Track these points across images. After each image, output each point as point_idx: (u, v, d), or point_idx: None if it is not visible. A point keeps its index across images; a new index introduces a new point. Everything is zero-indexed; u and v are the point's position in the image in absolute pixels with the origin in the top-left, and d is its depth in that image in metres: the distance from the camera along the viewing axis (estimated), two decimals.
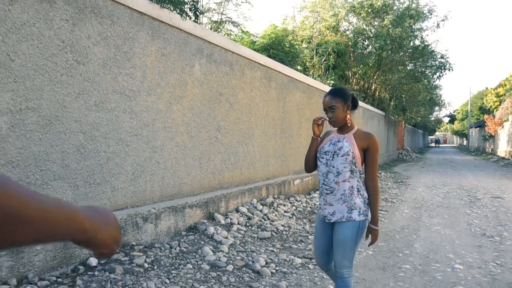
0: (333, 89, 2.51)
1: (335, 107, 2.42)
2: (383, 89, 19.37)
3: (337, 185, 2.40)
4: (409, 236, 5.15)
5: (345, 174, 2.39)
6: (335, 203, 2.40)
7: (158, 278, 3.24)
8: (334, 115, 2.43)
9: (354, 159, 2.38)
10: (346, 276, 2.43)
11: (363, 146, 2.41)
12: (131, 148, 4.00)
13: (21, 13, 2.91)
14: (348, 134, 2.46)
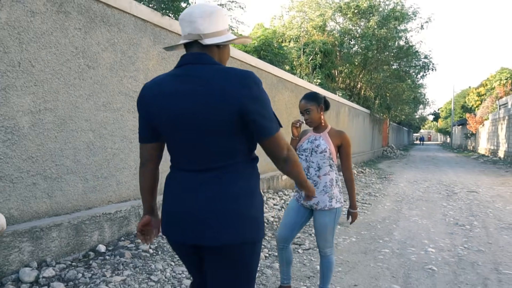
0: (307, 94, 2.88)
1: (310, 110, 2.79)
2: (368, 87, 19.93)
3: (319, 178, 2.78)
4: (389, 225, 5.61)
5: (325, 168, 2.78)
6: (318, 195, 2.76)
7: (164, 261, 3.61)
8: (310, 117, 2.80)
9: (331, 155, 2.78)
10: (329, 254, 2.89)
11: (337, 143, 2.81)
12: (134, 145, 4.34)
13: (41, 24, 3.23)
14: (323, 133, 2.83)
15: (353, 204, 2.88)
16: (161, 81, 1.47)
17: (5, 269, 2.95)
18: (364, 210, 6.77)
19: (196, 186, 1.44)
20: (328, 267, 2.91)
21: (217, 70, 1.40)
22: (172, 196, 1.51)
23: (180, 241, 1.50)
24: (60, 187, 3.52)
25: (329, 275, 2.93)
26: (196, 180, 1.44)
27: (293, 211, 2.95)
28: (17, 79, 3.09)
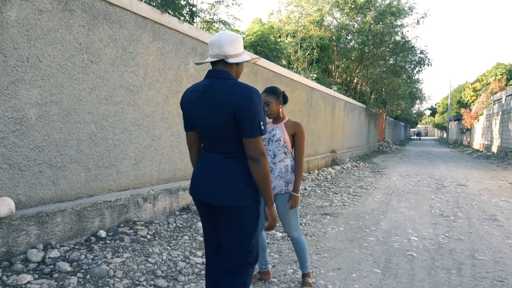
0: (268, 88, 3.13)
1: (269, 102, 3.04)
2: (364, 82, 20.14)
3: (275, 165, 3.06)
4: (377, 216, 5.87)
5: (280, 155, 3.06)
6: (274, 180, 3.04)
7: (161, 246, 3.85)
8: (269, 109, 3.04)
9: (285, 143, 3.06)
10: (297, 236, 3.15)
11: (291, 132, 3.07)
12: (133, 136, 4.57)
13: (48, 21, 3.44)
14: (280, 123, 3.10)
15: (295, 188, 3.02)
16: (195, 89, 2.03)
17: (14, 250, 3.19)
18: (355, 202, 7.03)
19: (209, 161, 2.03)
20: (300, 248, 3.16)
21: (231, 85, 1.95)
22: (196, 168, 2.10)
23: (200, 199, 2.05)
24: (64, 175, 3.75)
25: (303, 255, 3.18)
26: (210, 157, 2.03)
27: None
28: (26, 73, 3.30)
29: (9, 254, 3.13)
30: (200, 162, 2.08)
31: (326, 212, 6.04)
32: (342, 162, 13.46)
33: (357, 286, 3.25)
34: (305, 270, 3.23)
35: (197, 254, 3.74)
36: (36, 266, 3.10)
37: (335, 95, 13.85)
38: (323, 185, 8.84)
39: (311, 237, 4.63)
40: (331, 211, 6.10)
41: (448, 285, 3.32)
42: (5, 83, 3.17)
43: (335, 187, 8.72)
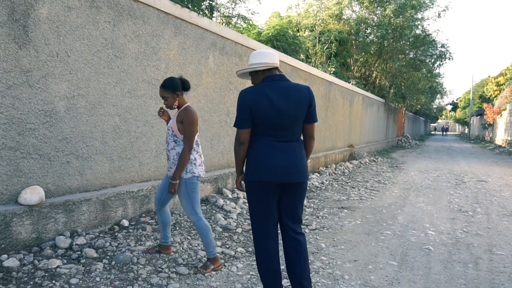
0: (164, 82, 3.13)
1: (166, 98, 3.11)
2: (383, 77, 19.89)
3: (169, 152, 3.17)
4: (394, 211, 5.88)
5: (171, 144, 3.15)
6: (172, 166, 3.15)
7: (181, 235, 3.98)
8: (167, 103, 3.13)
9: (174, 132, 3.10)
10: (195, 220, 3.16)
11: (180, 120, 3.08)
12: (155, 129, 4.70)
13: (76, 18, 3.58)
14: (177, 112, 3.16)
15: (174, 176, 3.06)
16: (262, 90, 2.44)
17: (44, 236, 3.37)
18: (372, 196, 7.05)
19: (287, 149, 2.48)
20: (201, 232, 3.16)
21: (295, 84, 2.53)
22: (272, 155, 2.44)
23: (273, 180, 2.43)
24: (90, 166, 3.91)
25: (205, 240, 3.17)
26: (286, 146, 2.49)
27: (164, 179, 3.34)
28: (55, 68, 3.45)
29: (39, 240, 3.31)
30: (274, 151, 2.45)
31: (343, 206, 6.08)
32: (360, 156, 13.41)
33: (373, 277, 3.31)
34: (208, 255, 3.21)
35: (217, 243, 3.85)
36: (64, 252, 3.26)
37: (354, 89, 13.77)
38: (341, 179, 8.85)
39: (328, 230, 4.69)
40: (348, 205, 6.14)
41: (464, 279, 3.34)
42: (37, 77, 3.32)
43: (352, 181, 8.73)
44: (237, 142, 2.48)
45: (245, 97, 2.44)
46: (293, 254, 2.57)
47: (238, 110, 2.48)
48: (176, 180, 3.06)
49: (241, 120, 2.45)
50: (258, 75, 2.58)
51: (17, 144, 3.24)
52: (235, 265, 3.40)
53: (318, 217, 5.26)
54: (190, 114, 3.06)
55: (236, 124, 2.48)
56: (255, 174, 2.45)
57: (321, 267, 3.49)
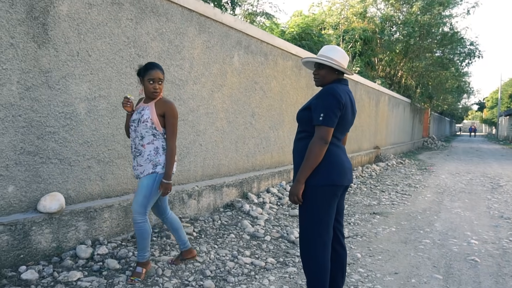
0: (158, 65, 2.86)
1: (162, 80, 2.83)
2: (409, 76, 19.30)
3: (143, 147, 2.83)
4: (430, 217, 5.51)
5: (148, 137, 2.82)
6: (144, 163, 2.83)
7: (208, 244, 3.76)
8: (160, 88, 2.82)
9: (153, 124, 2.80)
10: (139, 221, 2.84)
11: (161, 112, 2.82)
12: (178, 131, 4.49)
13: (97, 15, 3.41)
14: (151, 102, 2.85)
15: (167, 174, 2.83)
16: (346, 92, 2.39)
17: (64, 246, 3.20)
18: (404, 201, 6.68)
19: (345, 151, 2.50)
20: (141, 235, 2.86)
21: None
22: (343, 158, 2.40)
23: (345, 184, 2.39)
24: (111, 170, 3.74)
25: (143, 243, 2.89)
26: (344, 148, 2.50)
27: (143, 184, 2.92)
28: (76, 68, 3.29)
29: (59, 250, 3.14)
30: (342, 153, 2.42)
31: (375, 211, 5.75)
32: (386, 158, 12.96)
33: None
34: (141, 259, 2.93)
35: (245, 253, 3.61)
36: (85, 263, 3.08)
37: (380, 89, 13.34)
38: (369, 183, 8.49)
39: (362, 238, 4.39)
40: (380, 210, 5.81)
41: None
42: (56, 77, 3.16)
43: (381, 184, 8.36)
44: (322, 142, 2.26)
45: (341, 95, 2.31)
46: (339, 264, 2.51)
47: (329, 106, 2.27)
48: (171, 179, 2.84)
49: (334, 118, 2.28)
50: (333, 74, 2.45)
51: (36, 148, 3.08)
52: (266, 278, 3.15)
53: (350, 224, 4.96)
54: (174, 107, 2.88)
55: (327, 120, 2.26)
56: (331, 178, 2.32)
57: (359, 280, 3.20)
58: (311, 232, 2.34)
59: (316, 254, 2.33)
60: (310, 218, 2.34)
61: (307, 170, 2.28)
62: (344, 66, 2.46)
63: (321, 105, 2.30)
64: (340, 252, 2.54)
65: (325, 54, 2.45)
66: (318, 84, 2.51)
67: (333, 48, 2.47)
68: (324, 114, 2.26)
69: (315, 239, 2.33)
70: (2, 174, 2.90)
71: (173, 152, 2.85)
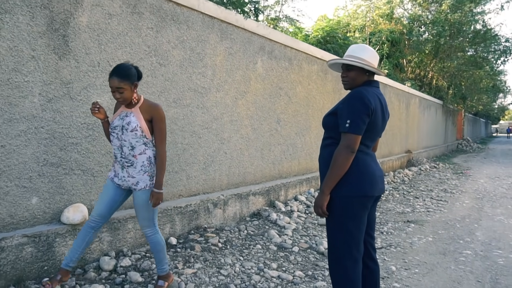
0: (120, 70, 2.50)
1: (123, 89, 2.48)
2: (440, 77, 18.65)
3: (135, 158, 2.57)
4: (470, 225, 5.18)
5: (139, 147, 2.57)
6: (137, 175, 2.58)
7: (233, 255, 3.64)
8: (122, 96, 2.49)
9: (143, 132, 2.56)
10: (150, 234, 2.71)
11: (148, 118, 2.58)
12: (203, 140, 4.42)
13: (117, 25, 3.38)
14: (135, 108, 2.58)
15: (158, 183, 2.60)
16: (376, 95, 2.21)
17: (88, 257, 3.15)
18: (440, 207, 6.33)
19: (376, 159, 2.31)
20: (155, 248, 2.74)
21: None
22: (373, 166, 2.22)
23: (376, 194, 2.21)
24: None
25: (159, 255, 2.77)
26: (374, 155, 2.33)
27: (111, 188, 2.69)
28: (97, 78, 3.27)
29: (83, 261, 3.10)
30: (372, 161, 2.25)
31: (409, 219, 5.46)
32: (418, 163, 12.48)
33: None
34: (161, 272, 2.81)
35: (271, 266, 3.46)
36: (108, 275, 3.02)
37: (410, 91, 12.91)
38: (401, 188, 8.15)
39: (396, 249, 4.14)
40: (415, 218, 5.51)
41: None
42: (78, 88, 3.15)
43: (414, 190, 8.00)
44: (349, 150, 2.08)
45: (369, 100, 2.12)
46: (371, 282, 2.35)
47: (357, 112, 2.09)
48: (162, 189, 2.63)
49: (362, 124, 2.09)
50: (363, 75, 2.26)
51: (59, 159, 3.06)
52: None
53: (383, 233, 4.71)
54: (162, 110, 2.63)
55: (353, 127, 2.08)
56: (361, 188, 2.14)
57: None
58: (340, 247, 2.16)
59: (346, 272, 2.15)
60: (338, 232, 2.17)
61: (332, 181, 2.11)
62: (375, 66, 2.26)
63: (347, 111, 2.11)
64: (372, 267, 2.35)
65: (354, 54, 2.26)
66: (347, 87, 2.31)
67: (362, 47, 2.27)
68: (351, 121, 2.08)
69: (345, 255, 2.15)
70: (25, 186, 2.89)
71: (163, 159, 2.63)
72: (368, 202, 2.19)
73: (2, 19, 2.70)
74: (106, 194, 2.69)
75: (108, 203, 2.68)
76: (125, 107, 2.62)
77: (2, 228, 2.76)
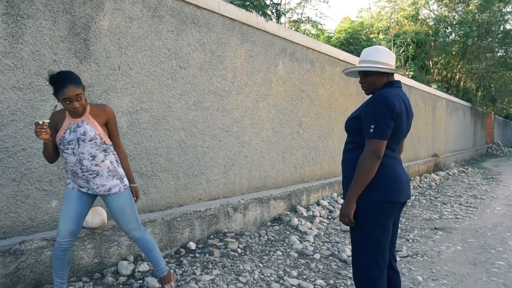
0: (72, 77, 2.31)
1: (81, 96, 2.30)
2: (468, 78, 18.10)
3: (99, 167, 2.42)
4: (502, 233, 4.93)
5: (100, 155, 2.42)
6: (107, 182, 2.46)
7: (252, 262, 3.56)
8: (81, 104, 2.30)
9: (102, 139, 2.42)
10: (139, 235, 2.61)
11: (103, 121, 2.45)
12: (223, 143, 4.38)
13: (138, 28, 3.38)
14: (85, 115, 2.38)
15: (131, 178, 2.66)
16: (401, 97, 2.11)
17: (106, 261, 3.14)
18: (469, 214, 6.08)
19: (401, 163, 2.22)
20: (147, 248, 2.64)
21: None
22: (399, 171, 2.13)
23: (404, 200, 2.12)
24: (154, 184, 3.67)
25: (153, 255, 2.67)
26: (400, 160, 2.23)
27: (75, 201, 2.48)
28: (117, 81, 3.26)
29: (101, 266, 3.08)
30: (398, 165, 2.15)
31: (437, 226, 5.25)
32: (446, 167, 12.09)
33: None
34: (160, 273, 2.71)
35: (292, 274, 3.36)
36: (126, 280, 2.99)
37: (436, 93, 12.54)
38: (428, 194, 7.89)
39: (423, 258, 3.97)
40: (442, 225, 5.30)
41: None
42: (98, 92, 3.15)
43: (442, 196, 7.72)
44: (374, 156, 2.00)
45: (394, 103, 2.03)
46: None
47: (381, 116, 2.01)
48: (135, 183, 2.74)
49: (387, 129, 2.01)
50: (382, 78, 2.18)
51: None
52: None
53: (409, 241, 4.53)
54: (111, 110, 2.52)
55: (378, 133, 2.00)
56: (388, 193, 2.06)
57: None
58: (365, 256, 2.06)
59: (372, 281, 2.05)
60: (363, 240, 2.07)
61: (358, 188, 2.02)
62: (392, 65, 2.17)
63: (371, 115, 2.03)
64: (393, 278, 2.25)
65: (368, 58, 2.18)
66: (369, 93, 2.23)
67: (375, 49, 2.20)
68: (375, 126, 1.99)
69: (370, 264, 2.05)
70: (46, 189, 2.90)
71: (126, 154, 2.67)
72: (394, 209, 2.10)
73: (25, 24, 2.73)
74: (71, 208, 2.46)
75: (75, 219, 2.47)
76: (71, 118, 2.37)
77: (22, 231, 2.78)
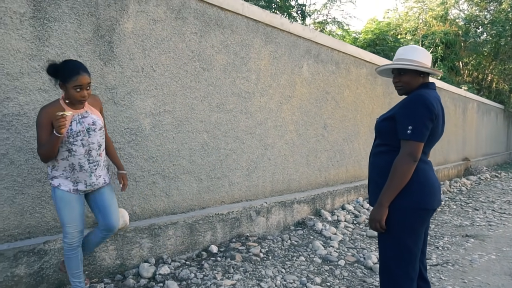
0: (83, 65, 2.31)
1: (90, 85, 2.33)
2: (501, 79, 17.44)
3: (101, 156, 2.48)
4: None
5: (103, 144, 2.52)
6: (102, 172, 2.51)
7: (274, 267, 3.48)
8: (88, 93, 2.32)
9: (102, 127, 2.48)
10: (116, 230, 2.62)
11: (99, 110, 2.52)
12: (246, 145, 4.33)
13: (162, 31, 3.38)
14: (86, 105, 2.41)
15: (121, 165, 2.74)
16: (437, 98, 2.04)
17: (128, 263, 3.14)
18: (504, 221, 5.80)
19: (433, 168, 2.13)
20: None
21: None
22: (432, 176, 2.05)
23: (436, 206, 2.05)
24: (176, 186, 3.65)
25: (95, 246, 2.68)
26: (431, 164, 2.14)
27: (75, 202, 2.43)
28: (141, 83, 3.27)
29: (123, 267, 3.08)
30: (431, 170, 2.07)
31: (468, 233, 5.02)
32: (477, 171, 11.65)
33: None
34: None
35: (315, 280, 3.27)
36: (147, 282, 2.98)
37: (466, 95, 12.12)
38: (458, 199, 7.60)
39: (454, 267, 3.79)
40: (474, 233, 5.07)
41: None
42: (122, 93, 3.16)
43: (473, 201, 7.42)
44: (411, 159, 1.93)
45: (432, 104, 1.96)
46: None
47: (420, 117, 1.94)
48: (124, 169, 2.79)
49: (425, 130, 1.94)
50: (418, 78, 2.10)
51: None
52: None
53: (438, 248, 4.35)
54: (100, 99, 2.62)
55: (416, 134, 1.93)
56: (422, 200, 1.98)
57: None
58: (395, 265, 1.95)
59: None
60: (394, 248, 1.96)
61: (392, 192, 1.93)
62: (429, 66, 2.08)
63: (409, 116, 1.94)
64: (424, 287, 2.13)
65: (404, 56, 2.09)
66: (402, 93, 2.13)
67: (412, 48, 2.11)
68: (413, 127, 1.91)
69: (400, 274, 1.94)
70: None
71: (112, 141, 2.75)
72: (428, 216, 2.02)
73: (51, 27, 2.76)
74: (74, 209, 2.42)
75: (80, 218, 2.47)
76: (72, 109, 2.33)
77: (46, 231, 2.81)
